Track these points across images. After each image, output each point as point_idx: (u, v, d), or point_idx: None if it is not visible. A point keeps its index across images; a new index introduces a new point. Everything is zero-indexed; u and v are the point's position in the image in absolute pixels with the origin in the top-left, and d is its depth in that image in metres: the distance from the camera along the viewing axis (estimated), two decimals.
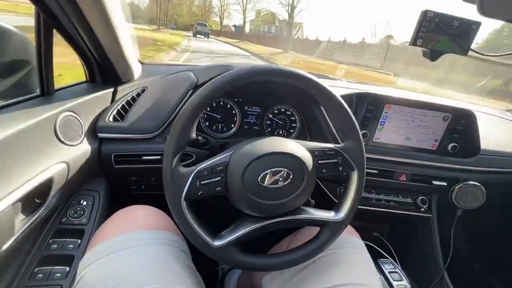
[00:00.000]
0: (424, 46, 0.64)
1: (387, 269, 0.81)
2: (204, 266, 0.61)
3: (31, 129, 0.47)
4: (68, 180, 0.56)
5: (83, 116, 0.62)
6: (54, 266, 0.52)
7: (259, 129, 0.86)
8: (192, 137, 0.44)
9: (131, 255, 0.44)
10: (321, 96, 0.47)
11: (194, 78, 0.77)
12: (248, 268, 0.47)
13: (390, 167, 0.82)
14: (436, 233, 0.90)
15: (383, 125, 0.80)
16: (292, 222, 0.48)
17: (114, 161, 0.68)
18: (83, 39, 0.61)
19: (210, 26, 37.75)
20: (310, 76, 0.45)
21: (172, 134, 0.42)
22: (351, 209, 0.50)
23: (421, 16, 0.61)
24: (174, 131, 0.42)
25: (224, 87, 0.42)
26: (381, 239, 1.05)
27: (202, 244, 0.44)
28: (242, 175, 0.43)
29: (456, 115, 0.79)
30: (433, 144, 0.83)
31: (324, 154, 0.48)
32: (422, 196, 0.88)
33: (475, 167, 0.85)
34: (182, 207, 0.42)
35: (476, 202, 0.83)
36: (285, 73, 0.44)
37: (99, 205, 0.64)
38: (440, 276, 0.87)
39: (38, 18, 0.52)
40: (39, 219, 0.50)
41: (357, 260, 0.55)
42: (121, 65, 0.73)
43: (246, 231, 0.45)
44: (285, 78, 0.44)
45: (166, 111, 0.71)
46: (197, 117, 0.43)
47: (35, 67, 0.56)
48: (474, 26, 0.62)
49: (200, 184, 0.43)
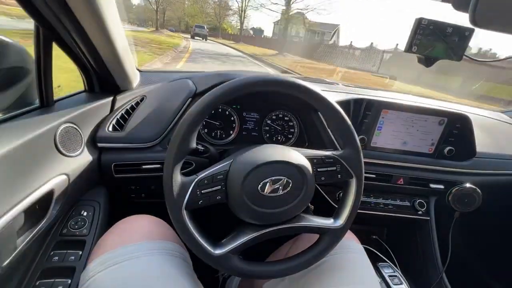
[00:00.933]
0: (419, 52, 0.65)
1: (386, 273, 0.82)
2: (205, 272, 0.61)
3: (32, 142, 0.47)
4: (69, 192, 0.56)
5: (83, 126, 0.62)
6: (55, 278, 0.52)
7: (257, 135, 0.86)
8: (192, 146, 0.44)
9: (133, 266, 0.45)
10: (318, 104, 0.48)
11: (193, 86, 0.77)
12: (248, 276, 0.47)
13: (387, 171, 0.83)
14: (434, 236, 0.91)
15: (380, 130, 0.81)
16: (291, 229, 0.48)
17: (114, 171, 0.68)
18: (81, 50, 0.62)
19: (225, 30, 35.59)
20: (309, 86, 0.46)
21: (173, 144, 0.43)
22: (350, 216, 0.50)
23: (415, 23, 0.63)
24: (174, 141, 0.43)
25: (229, 95, 0.43)
26: (380, 242, 1.06)
27: (202, 252, 0.44)
28: (242, 184, 0.43)
29: (451, 119, 0.80)
30: (429, 148, 0.84)
31: (323, 162, 0.49)
32: (419, 199, 0.89)
33: (471, 170, 0.86)
34: (183, 216, 0.43)
35: (472, 204, 0.84)
36: (288, 84, 0.45)
37: (100, 215, 0.64)
38: (439, 279, 0.88)
39: (38, 30, 0.53)
40: (40, 232, 0.50)
41: (357, 265, 0.56)
42: (119, 74, 0.73)
43: (246, 239, 0.46)
44: (288, 89, 0.45)
45: (166, 119, 0.72)
46: (198, 126, 0.44)
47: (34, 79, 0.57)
48: (467, 32, 0.63)
49: (200, 193, 0.43)
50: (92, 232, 0.60)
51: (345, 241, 0.57)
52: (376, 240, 1.08)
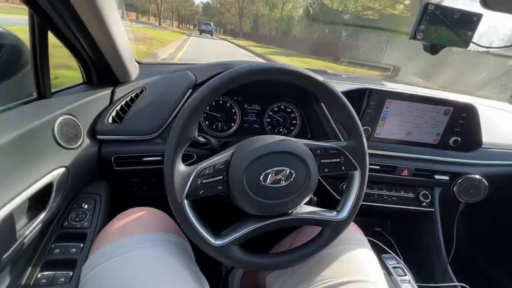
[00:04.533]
0: (424, 39, 0.63)
1: (390, 264, 0.81)
2: (208, 265, 0.61)
3: (30, 134, 0.46)
4: (69, 184, 0.56)
5: (82, 118, 0.61)
6: (57, 271, 0.52)
7: (259, 127, 0.85)
8: (194, 134, 0.43)
9: (134, 258, 0.44)
10: (323, 93, 0.46)
11: (193, 77, 0.76)
12: (248, 267, 0.47)
13: (391, 162, 0.82)
14: (438, 228, 0.90)
15: (384, 120, 0.79)
16: (293, 221, 0.47)
17: (114, 163, 0.68)
18: (78, 40, 0.60)
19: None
20: (313, 74, 0.45)
21: (174, 132, 0.42)
22: (353, 208, 0.49)
23: (421, 9, 0.60)
24: (176, 128, 0.42)
25: (235, 81, 0.42)
26: (383, 234, 1.05)
27: (203, 242, 0.43)
28: (244, 174, 0.42)
29: (457, 109, 0.79)
30: (434, 138, 0.82)
31: (327, 153, 0.48)
32: (424, 190, 0.87)
33: (477, 161, 0.85)
34: (183, 206, 0.42)
35: (478, 195, 0.83)
36: (293, 72, 0.43)
37: (101, 208, 0.64)
38: (443, 270, 0.87)
39: (32, 19, 0.51)
40: (40, 224, 0.50)
41: (360, 257, 0.55)
42: (118, 65, 0.72)
43: (247, 231, 0.45)
44: (288, 76, 0.44)
45: (166, 111, 0.71)
46: (200, 114, 0.43)
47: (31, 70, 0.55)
48: (475, 18, 0.61)
49: (201, 183, 0.43)
50: (93, 225, 0.60)
51: (348, 232, 0.57)
52: (379, 232, 1.07)
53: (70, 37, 0.59)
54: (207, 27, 27.52)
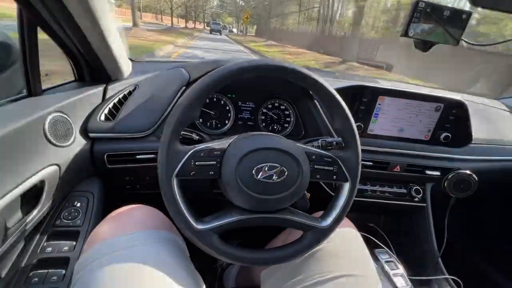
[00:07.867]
0: (416, 37, 0.63)
1: (383, 258, 0.82)
2: (203, 263, 0.61)
3: (20, 131, 0.46)
4: (61, 182, 0.55)
5: (73, 116, 0.61)
6: (49, 269, 0.51)
7: (253, 125, 0.85)
8: (195, 114, 0.43)
9: (128, 256, 0.44)
10: (320, 94, 0.47)
11: (186, 75, 0.76)
12: (224, 258, 0.46)
13: (384, 158, 0.83)
14: (430, 222, 0.92)
15: (376, 117, 0.80)
16: (276, 220, 0.47)
17: (107, 161, 0.67)
18: (69, 36, 0.59)
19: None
20: (314, 76, 0.45)
21: (175, 111, 0.42)
22: (338, 218, 0.50)
23: (412, 6, 0.61)
24: (177, 108, 0.42)
25: (238, 74, 0.42)
26: (376, 229, 1.07)
27: (184, 224, 0.43)
28: (238, 164, 0.43)
29: (448, 105, 0.80)
30: (425, 134, 0.84)
31: (321, 160, 0.48)
32: (416, 186, 0.89)
33: (467, 156, 0.86)
34: (172, 182, 0.42)
35: (468, 190, 0.84)
36: (292, 70, 0.44)
37: (94, 206, 0.63)
38: (435, 264, 0.89)
39: (21, 15, 0.50)
40: (32, 222, 0.49)
41: (354, 251, 0.56)
42: (110, 62, 0.71)
43: (229, 221, 0.45)
44: (300, 79, 0.45)
45: (159, 109, 0.70)
46: (203, 97, 0.43)
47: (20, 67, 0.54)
48: (464, 15, 0.62)
49: (194, 164, 0.43)
50: (86, 223, 0.60)
51: (342, 228, 0.57)
52: (373, 227, 1.08)
53: (61, 34, 0.59)
54: (216, 26, 32.47)
